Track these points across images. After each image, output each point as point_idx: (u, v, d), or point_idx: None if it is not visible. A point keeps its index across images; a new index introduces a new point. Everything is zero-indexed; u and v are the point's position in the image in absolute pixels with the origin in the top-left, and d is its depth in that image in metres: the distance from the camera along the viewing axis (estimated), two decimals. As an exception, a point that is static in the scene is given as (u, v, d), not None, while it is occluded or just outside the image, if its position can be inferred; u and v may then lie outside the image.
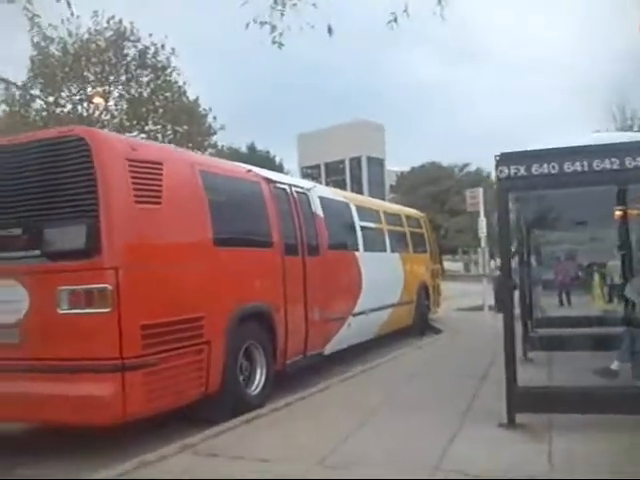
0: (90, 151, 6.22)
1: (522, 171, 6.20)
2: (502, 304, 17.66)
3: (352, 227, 11.83)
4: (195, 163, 7.83)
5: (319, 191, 10.98)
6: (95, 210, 6.11)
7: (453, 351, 11.57)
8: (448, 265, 66.10)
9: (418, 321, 14.65)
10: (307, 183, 11.20)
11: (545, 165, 6.12)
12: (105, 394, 5.92)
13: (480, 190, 16.43)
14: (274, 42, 8.24)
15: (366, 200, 15.65)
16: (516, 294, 19.77)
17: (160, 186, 6.75)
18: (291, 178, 10.76)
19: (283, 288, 8.75)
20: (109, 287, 5.99)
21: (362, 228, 12.09)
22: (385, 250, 13.34)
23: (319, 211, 10.41)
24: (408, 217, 15.59)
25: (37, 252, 6.36)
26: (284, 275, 8.81)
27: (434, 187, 59.61)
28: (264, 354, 8.18)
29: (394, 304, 13.20)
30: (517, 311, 16.82)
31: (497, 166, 6.32)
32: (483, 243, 15.42)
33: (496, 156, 6.34)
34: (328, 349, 10.12)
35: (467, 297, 25.27)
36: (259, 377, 8.10)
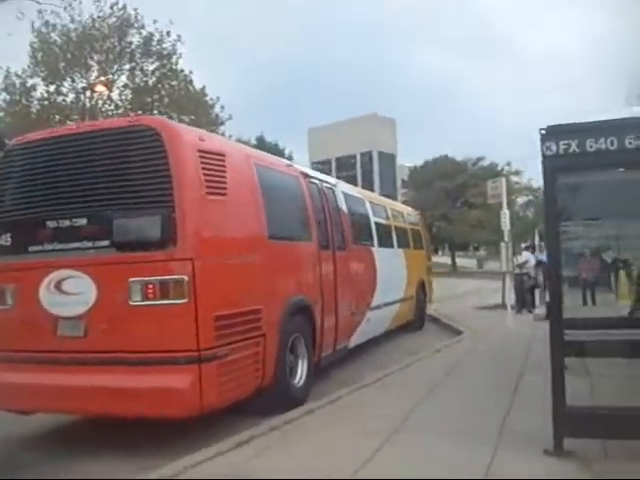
0: (162, 141, 6.10)
1: (574, 147, 5.15)
2: (523, 303, 16.75)
3: (368, 223, 11.99)
4: (249, 155, 7.85)
5: (342, 187, 11.13)
6: (170, 201, 5.98)
7: (476, 356, 10.45)
8: (460, 262, 65.18)
9: (418, 316, 15.05)
10: (332, 179, 11.30)
11: (602, 140, 5.06)
12: (183, 386, 5.85)
13: (503, 180, 15.33)
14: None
15: (375, 196, 15.86)
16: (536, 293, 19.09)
17: (225, 177, 6.67)
18: (319, 173, 10.68)
19: (320, 282, 8.76)
20: (186, 278, 5.90)
21: (376, 224, 12.31)
22: (392, 246, 13.44)
23: (343, 206, 10.46)
24: (408, 214, 16.13)
25: (105, 243, 6.16)
26: (320, 269, 8.84)
27: (448, 182, 58.42)
28: (306, 347, 8.11)
29: (401, 299, 13.47)
30: (538, 311, 16.27)
31: (542, 142, 5.26)
32: (506, 237, 14.28)
33: (541, 130, 5.28)
34: (352, 343, 10.20)
35: (484, 295, 24.40)
36: (301, 370, 7.99)
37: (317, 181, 9.73)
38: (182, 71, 29.79)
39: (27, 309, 6.46)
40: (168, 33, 29.20)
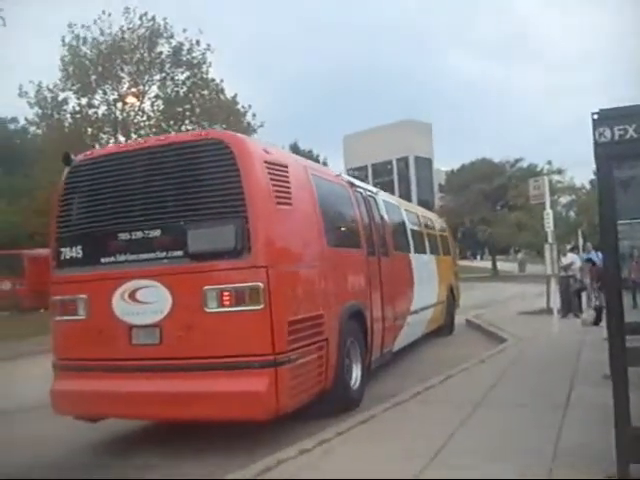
0: (233, 154, 6.32)
1: (631, 132, 4.53)
2: (569, 307, 15.95)
3: (404, 229, 12.23)
4: (306, 166, 8.09)
5: (382, 195, 11.37)
6: (243, 211, 6.20)
7: (522, 368, 9.71)
8: (501, 265, 64.02)
9: (448, 320, 15.31)
10: (373, 187, 11.53)
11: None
12: (261, 389, 6.02)
13: (545, 179, 14.60)
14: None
15: (408, 203, 16.09)
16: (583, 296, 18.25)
17: (289, 188, 6.90)
18: (362, 182, 11.05)
19: (369, 287, 8.95)
20: (261, 285, 6.11)
21: (411, 231, 12.62)
22: (426, 252, 13.68)
23: (385, 214, 10.68)
24: (436, 220, 16.50)
25: (179, 253, 6.39)
26: (369, 275, 9.02)
27: (486, 184, 57.40)
28: (359, 351, 8.25)
29: (434, 303, 13.69)
30: (585, 315, 15.46)
31: (595, 127, 4.64)
32: (550, 238, 13.53)
33: (594, 114, 4.67)
34: (395, 347, 10.41)
35: (527, 299, 23.66)
36: (356, 373, 8.13)
37: (362, 190, 10.00)
38: (213, 80, 29.54)
39: (100, 319, 6.65)
40: (198, 42, 29.02)
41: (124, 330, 6.48)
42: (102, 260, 6.70)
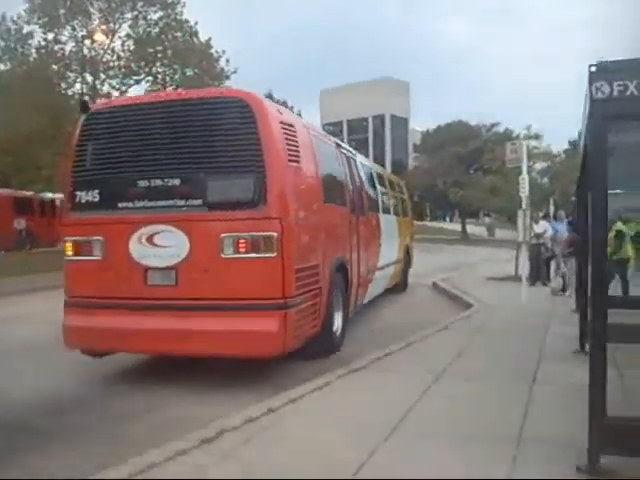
0: (253, 113, 6.81)
1: (632, 88, 4.01)
2: (537, 275, 15.66)
3: (375, 191, 12.86)
4: (308, 127, 8.63)
5: (359, 157, 12.10)
6: (261, 166, 6.72)
7: (489, 337, 9.34)
8: (470, 229, 64.00)
9: (403, 278, 16.33)
10: (352, 149, 11.92)
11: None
12: (272, 329, 6.65)
13: (523, 143, 14.11)
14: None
15: (377, 166, 16.54)
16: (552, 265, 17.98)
17: (297, 147, 7.51)
18: (343, 143, 11.44)
19: (350, 243, 9.67)
20: (275, 234, 6.69)
21: (380, 192, 13.30)
22: (390, 213, 14.38)
23: (362, 175, 11.47)
24: (398, 183, 17.13)
25: (198, 202, 6.88)
26: (351, 232, 9.75)
27: (461, 147, 56.89)
28: (342, 301, 8.99)
29: (394, 261, 14.51)
30: (553, 284, 15.15)
31: (591, 82, 4.11)
32: (524, 204, 13.05)
33: (591, 66, 4.13)
34: (365, 300, 11.30)
35: (495, 264, 23.50)
36: (337, 321, 8.78)
37: (345, 151, 10.67)
38: (187, 22, 28.37)
39: (116, 260, 7.15)
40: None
41: (140, 271, 7.02)
42: (119, 205, 7.15)
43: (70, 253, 7.45)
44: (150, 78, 27.67)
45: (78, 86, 28.14)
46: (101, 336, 7.15)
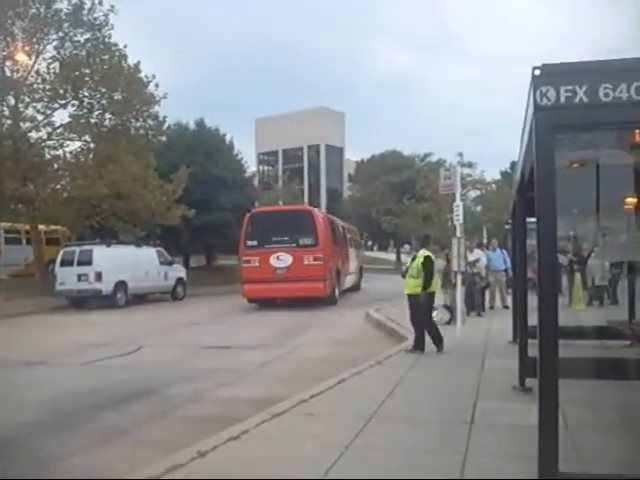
0: (313, 216, 23.22)
1: (581, 95, 3.56)
2: (472, 305, 15.22)
3: (345, 236, 28.52)
4: (332, 218, 28.72)
5: (339, 221, 28.72)
6: (316, 233, 22.50)
7: (423, 373, 8.78)
8: (404, 258, 63.83)
9: (358, 283, 31.00)
10: (338, 219, 30.52)
11: (624, 86, 3.49)
12: (321, 287, 21.64)
13: (457, 168, 13.71)
14: None
15: (345, 223, 31.40)
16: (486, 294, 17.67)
17: (327, 225, 24.59)
18: (336, 218, 30.40)
19: (342, 261, 25.42)
20: (322, 255, 21.72)
21: (348, 237, 29.24)
22: (351, 247, 29.63)
23: (341, 230, 27.85)
24: (351, 229, 32.74)
25: (295, 244, 22.14)
26: (342, 257, 25.94)
27: (394, 177, 57.08)
28: (338, 283, 23.82)
29: (354, 271, 29.47)
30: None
31: (536, 87, 3.64)
32: (459, 232, 12.62)
33: (535, 69, 3.66)
34: (343, 288, 25.57)
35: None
36: (337, 290, 23.48)
37: (339, 222, 28.12)
38: (115, 45, 27.46)
39: (264, 266, 21.68)
40: (100, 1, 26.92)
41: (273, 269, 21.68)
42: (265, 246, 21.87)
43: (244, 264, 22.17)
44: (76, 102, 26.56)
45: (-1, 109, 26.89)
46: (256, 293, 22.23)
